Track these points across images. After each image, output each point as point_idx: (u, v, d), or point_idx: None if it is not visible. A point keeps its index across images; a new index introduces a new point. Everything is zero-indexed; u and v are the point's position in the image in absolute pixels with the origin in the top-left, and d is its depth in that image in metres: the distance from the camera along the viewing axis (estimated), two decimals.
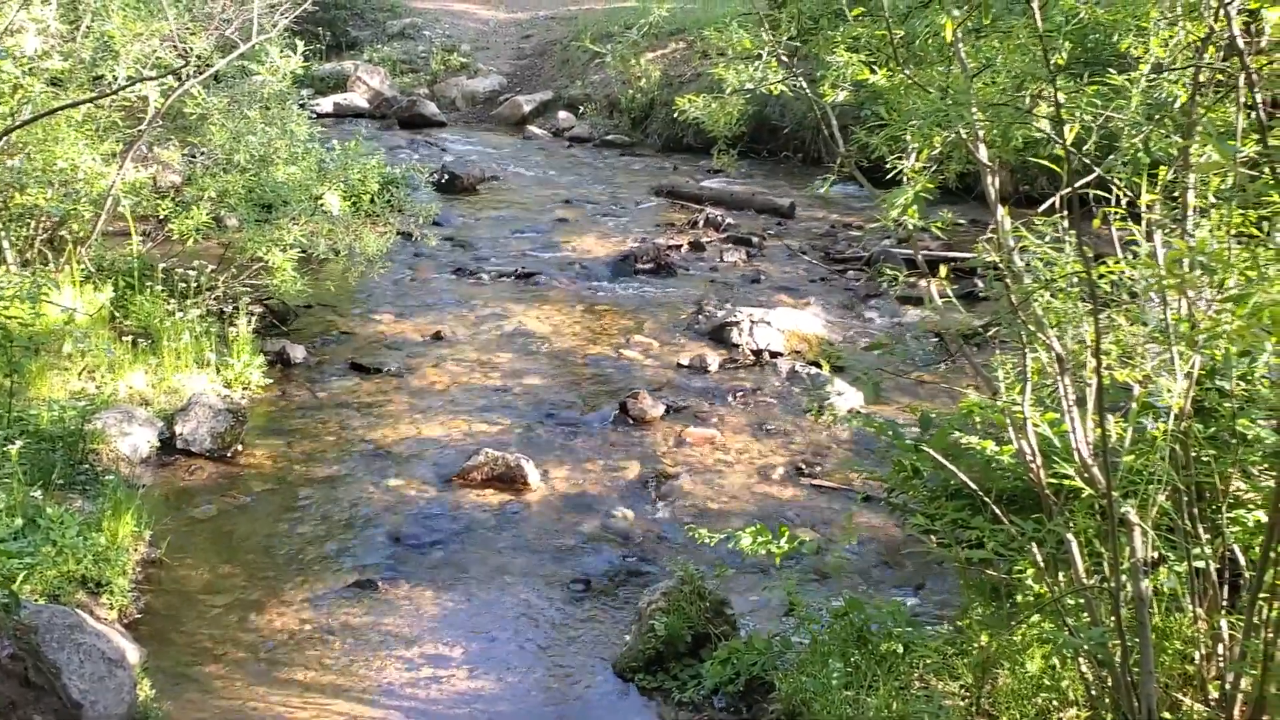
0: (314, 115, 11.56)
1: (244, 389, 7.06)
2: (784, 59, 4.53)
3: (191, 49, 7.70)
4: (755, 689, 4.17)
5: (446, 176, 12.57)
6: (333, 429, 6.73)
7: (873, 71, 4.07)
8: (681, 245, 10.81)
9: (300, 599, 5.04)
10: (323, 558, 5.38)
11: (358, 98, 16.96)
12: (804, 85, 4.36)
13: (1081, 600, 3.49)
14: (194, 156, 8.78)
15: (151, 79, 7.49)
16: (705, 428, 6.86)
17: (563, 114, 16.90)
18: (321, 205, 8.18)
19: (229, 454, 6.30)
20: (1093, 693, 3.48)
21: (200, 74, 7.67)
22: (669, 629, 4.43)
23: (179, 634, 4.78)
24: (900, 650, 3.89)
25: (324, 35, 17.19)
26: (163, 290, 7.36)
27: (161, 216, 7.96)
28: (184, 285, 7.46)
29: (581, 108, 16.78)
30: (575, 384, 7.55)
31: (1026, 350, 3.60)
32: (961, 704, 3.70)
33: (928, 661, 3.85)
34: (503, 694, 4.49)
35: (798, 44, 4.85)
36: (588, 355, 8.02)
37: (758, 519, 5.54)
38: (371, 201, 8.77)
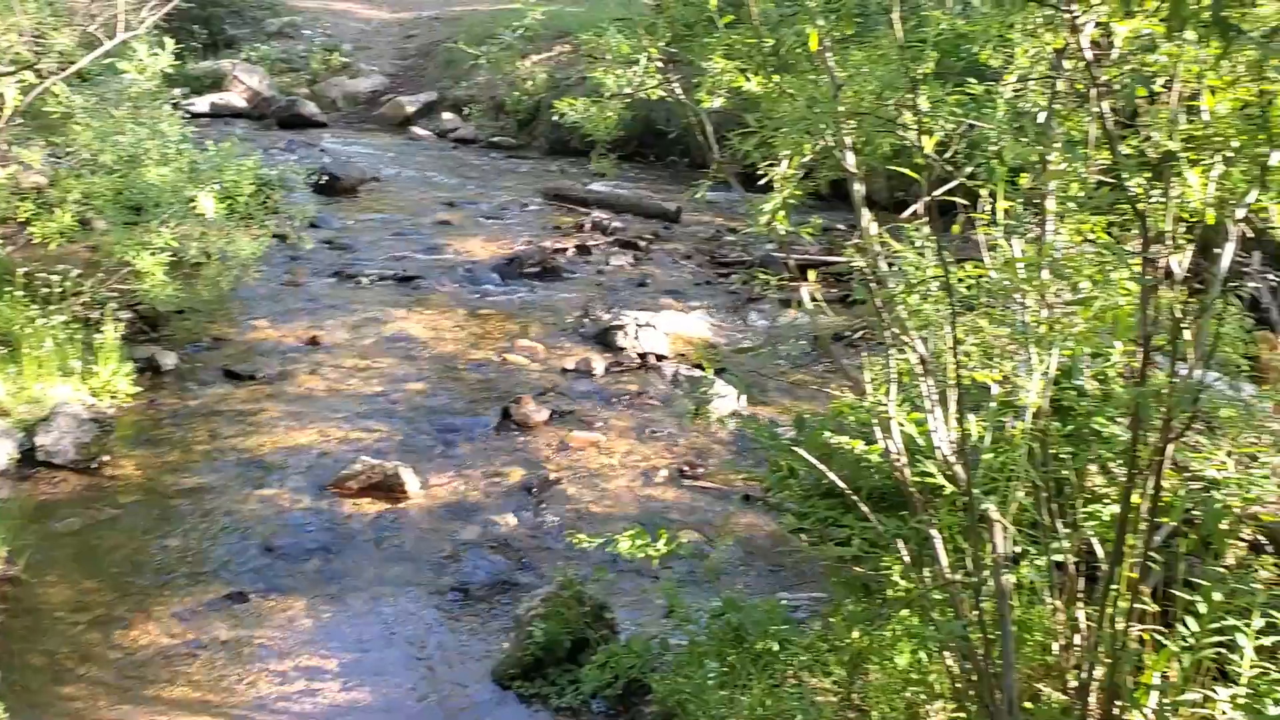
0: (188, 115, 11.22)
1: (111, 398, 6.81)
2: (659, 64, 4.56)
3: (51, 45, 7.40)
4: (633, 692, 4.19)
5: (326, 178, 12.32)
6: (204, 438, 6.55)
7: (748, 79, 4.12)
8: (568, 248, 10.79)
9: (168, 613, 4.89)
10: (192, 570, 5.23)
11: (235, 97, 16.52)
12: (678, 91, 4.39)
13: (946, 595, 3.58)
14: (59, 157, 8.44)
15: (8, 74, 7.18)
16: (590, 432, 6.86)
17: (447, 115, 16.73)
18: (194, 208, 7.95)
19: (94, 465, 6.08)
20: (958, 685, 3.58)
21: (62, 71, 7.39)
22: (547, 635, 4.41)
23: (37, 654, 4.60)
24: (775, 648, 3.94)
25: (199, 33, 16.71)
26: (24, 296, 7.06)
27: (22, 219, 7.64)
28: (47, 290, 7.16)
29: (466, 109, 16.64)
30: (457, 389, 7.48)
31: (893, 352, 3.69)
32: (833, 699, 3.77)
33: (801, 659, 3.90)
34: (378, 704, 4.42)
35: (674, 50, 4.88)
36: (471, 360, 7.95)
37: (641, 522, 5.56)
38: (246, 204, 8.55)
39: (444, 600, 5.13)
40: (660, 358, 8.09)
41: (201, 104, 15.62)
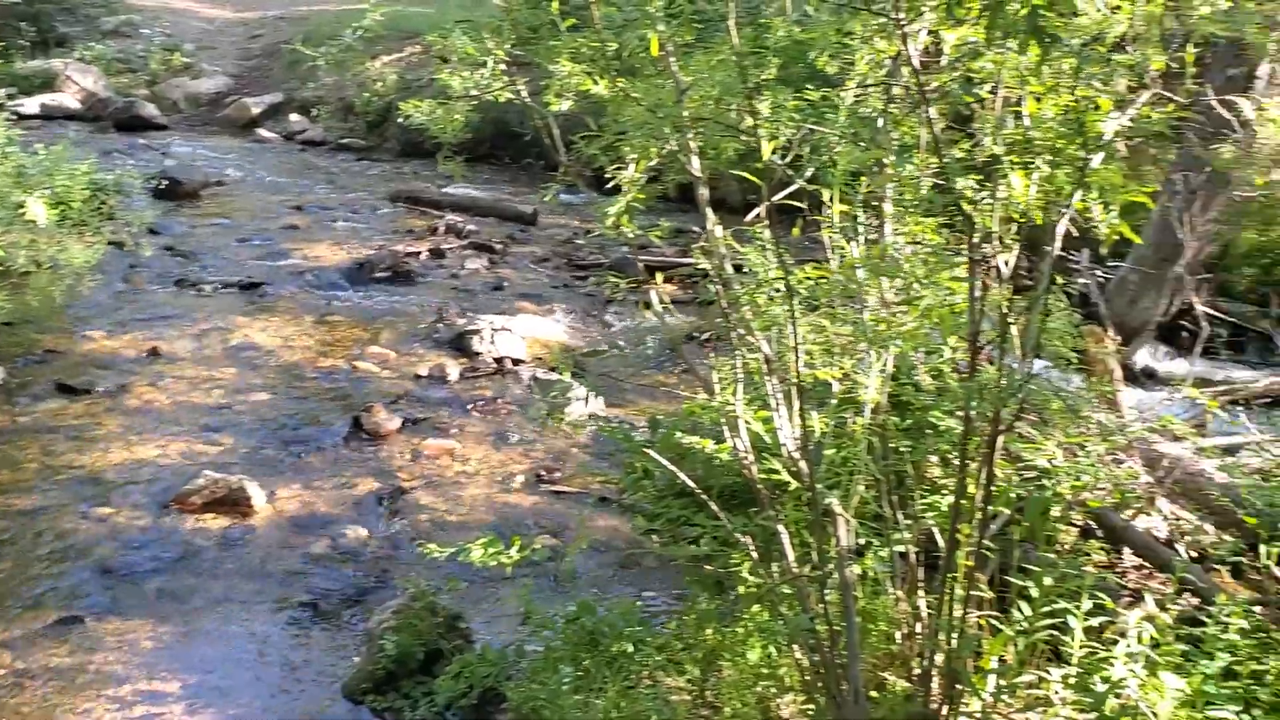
0: (15, 116, 10.69)
1: None
2: (504, 66, 4.53)
3: None
4: (489, 701, 4.14)
5: (167, 182, 11.87)
6: (35, 456, 6.22)
7: (595, 82, 4.13)
8: (421, 252, 10.63)
9: None
10: (21, 595, 4.96)
11: (68, 98, 15.78)
12: (523, 94, 4.36)
13: (794, 589, 3.65)
14: None
15: None
16: (444, 439, 6.77)
17: (295, 117, 16.32)
18: (23, 214, 7.56)
19: None
20: (807, 678, 3.65)
21: None
22: (400, 647, 4.34)
23: None
24: (630, 650, 3.95)
25: (26, 30, 15.91)
26: None
27: None
28: None
29: (315, 111, 16.26)
30: (306, 399, 7.28)
31: (740, 351, 3.74)
32: (687, 698, 3.80)
33: (656, 659, 3.93)
34: None
35: (520, 52, 4.86)
36: (319, 368, 7.76)
37: (497, 529, 5.54)
38: (79, 210, 8.17)
39: (293, 616, 4.98)
40: (517, 362, 8.04)
41: (31, 105, 14.89)
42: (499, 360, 8.01)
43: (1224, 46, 7.95)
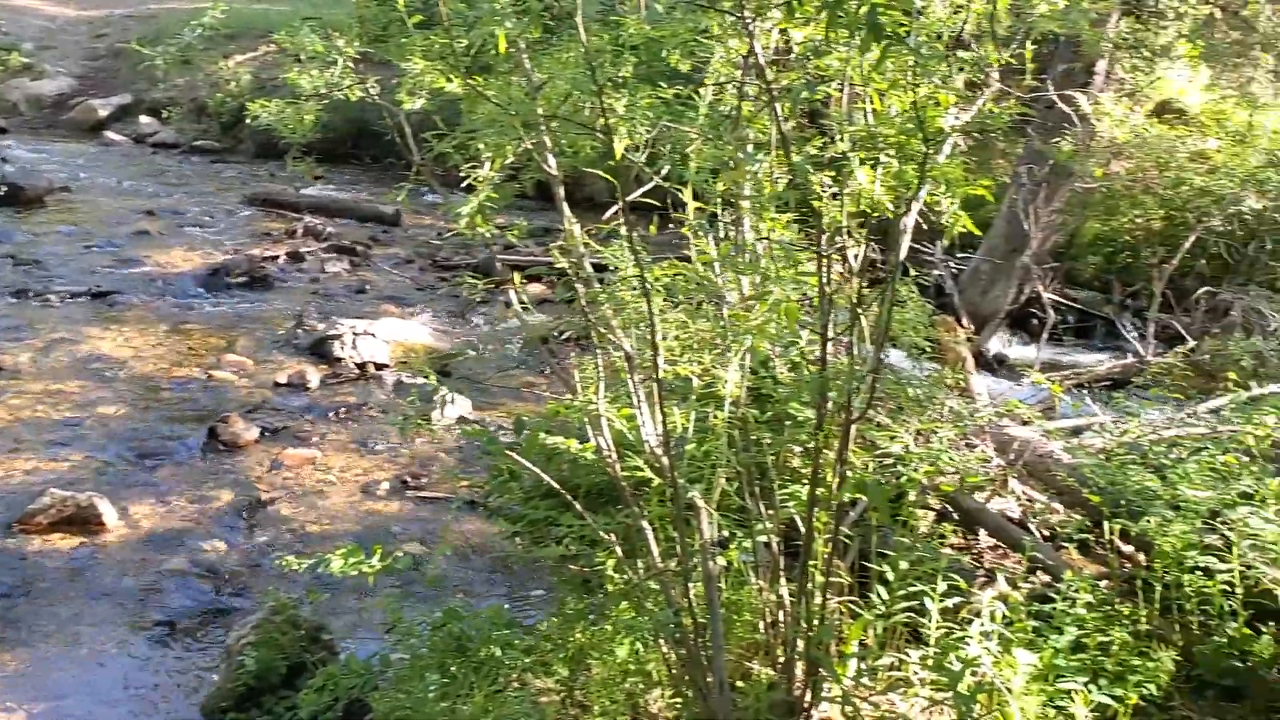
0: None
1: None
2: (351, 65, 4.44)
3: None
4: (354, 713, 4.04)
5: (6, 188, 11.33)
6: None
7: (449, 80, 4.07)
8: (279, 256, 10.37)
9: None
10: None
11: None
12: (372, 93, 4.28)
13: (659, 585, 3.66)
14: None
15: None
16: (305, 448, 6.60)
17: (145, 119, 15.75)
18: None
19: None
20: (674, 672, 3.67)
21: None
22: (260, 662, 4.21)
23: None
24: (498, 653, 3.91)
25: None
26: None
27: None
28: None
29: (166, 112, 15.71)
30: (159, 411, 7.01)
31: (602, 350, 3.74)
32: (556, 699, 3.78)
33: (524, 661, 3.90)
34: None
35: (371, 50, 4.76)
36: (173, 379, 7.49)
37: (361, 537, 5.42)
38: None
39: (149, 637, 4.79)
40: (380, 366, 7.90)
41: None
42: (361, 365, 7.86)
43: (1062, 43, 8.30)
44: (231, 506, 5.90)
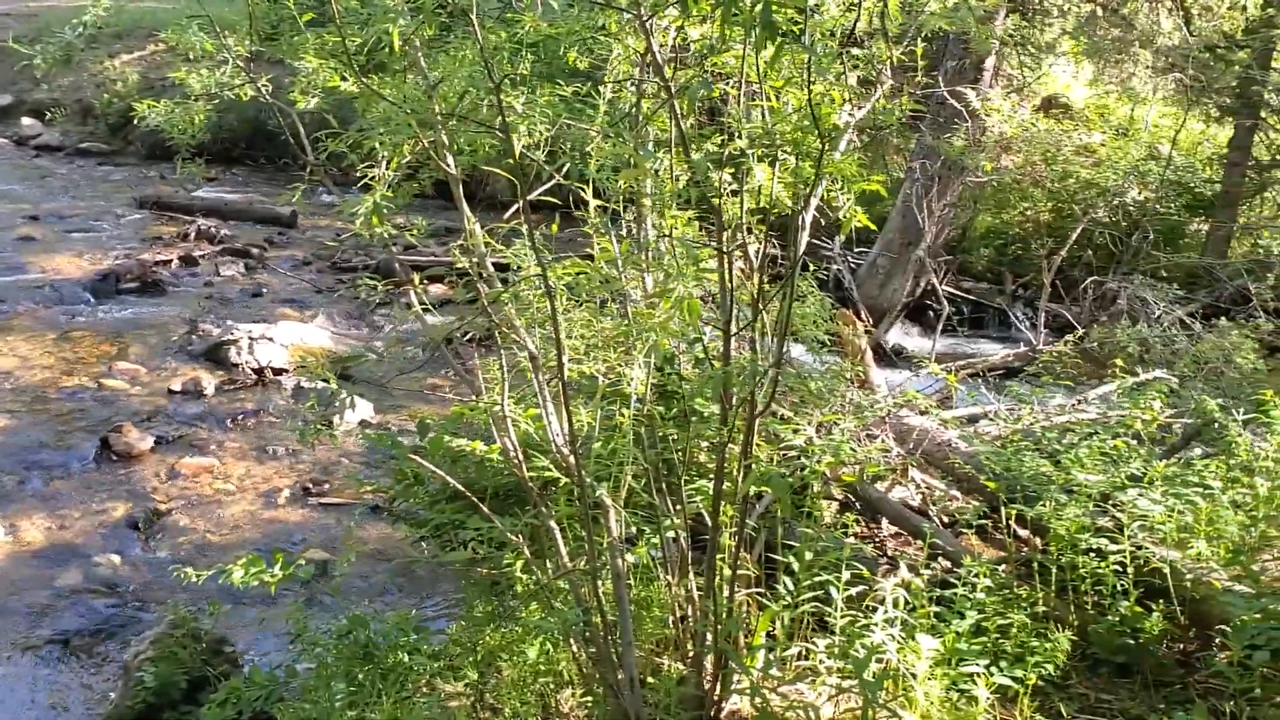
0: None
1: None
2: (242, 64, 4.34)
3: None
4: None
5: None
6: None
7: (342, 79, 4.00)
8: (172, 260, 10.10)
9: None
10: None
11: None
12: (265, 92, 4.19)
13: (568, 584, 3.66)
14: None
15: None
16: (203, 456, 6.44)
17: (27, 120, 15.20)
18: None
19: None
20: (585, 670, 3.67)
21: None
22: (159, 678, 4.09)
23: None
24: (406, 659, 3.87)
25: None
26: None
27: None
28: None
29: (50, 113, 15.17)
30: (48, 422, 6.77)
31: (506, 349, 3.72)
32: (466, 702, 3.75)
33: (433, 666, 3.86)
34: None
35: (263, 49, 4.66)
36: (63, 388, 7.23)
37: (262, 547, 5.32)
38: None
39: (41, 655, 4.63)
40: (279, 371, 7.74)
41: None
42: (259, 371, 7.69)
43: (952, 40, 8.50)
44: (127, 518, 5.72)
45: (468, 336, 4.54)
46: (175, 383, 7.38)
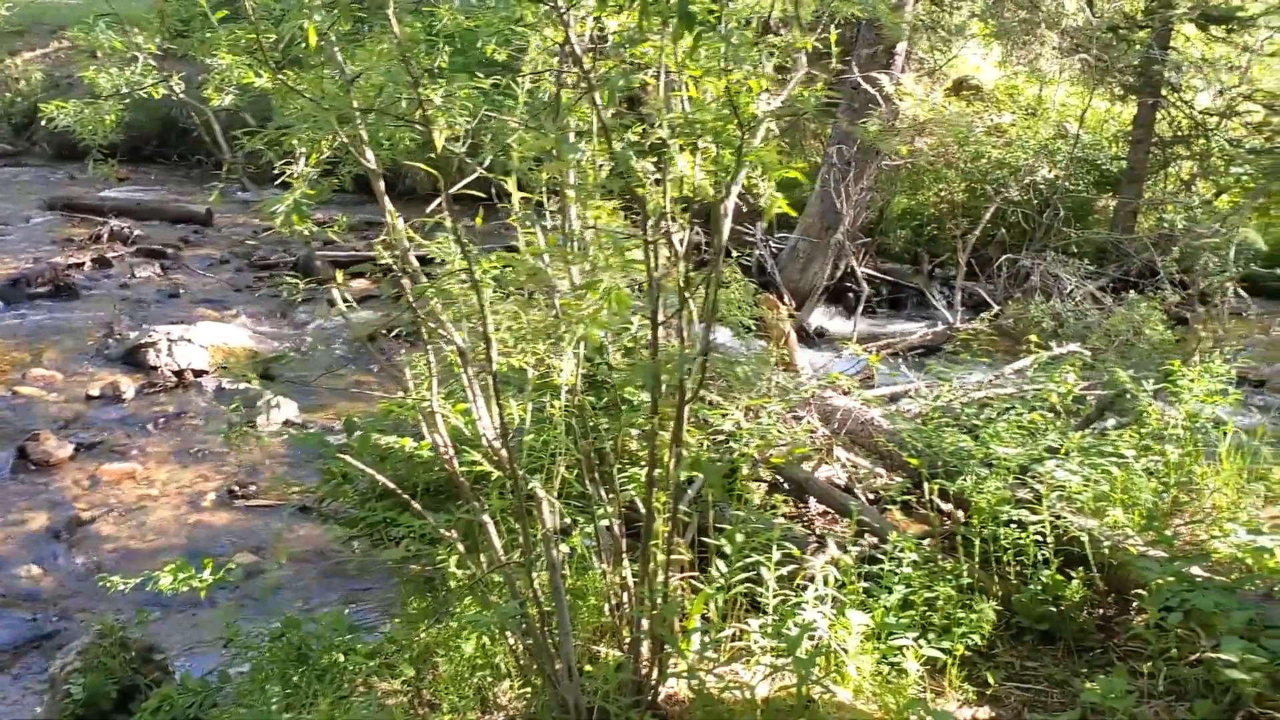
0: None
1: None
2: (152, 62, 4.25)
3: None
4: None
5: None
6: None
7: (258, 75, 3.95)
8: (84, 262, 9.86)
9: None
10: None
11: None
12: (177, 90, 4.12)
13: (503, 577, 3.67)
14: None
15: None
16: (124, 462, 6.31)
17: None
18: None
19: None
20: (522, 662, 3.68)
21: None
22: (88, 689, 4.02)
23: None
24: (341, 659, 3.85)
25: None
26: None
27: None
28: None
29: None
30: None
31: (431, 345, 3.71)
32: (404, 700, 3.75)
33: (369, 665, 3.84)
34: None
35: (174, 46, 4.58)
36: None
37: (190, 552, 5.24)
38: None
39: None
40: (199, 373, 7.61)
41: None
42: (179, 373, 7.55)
43: (864, 27, 8.62)
44: (47, 528, 5.59)
45: (394, 332, 4.53)
46: (93, 388, 7.22)
